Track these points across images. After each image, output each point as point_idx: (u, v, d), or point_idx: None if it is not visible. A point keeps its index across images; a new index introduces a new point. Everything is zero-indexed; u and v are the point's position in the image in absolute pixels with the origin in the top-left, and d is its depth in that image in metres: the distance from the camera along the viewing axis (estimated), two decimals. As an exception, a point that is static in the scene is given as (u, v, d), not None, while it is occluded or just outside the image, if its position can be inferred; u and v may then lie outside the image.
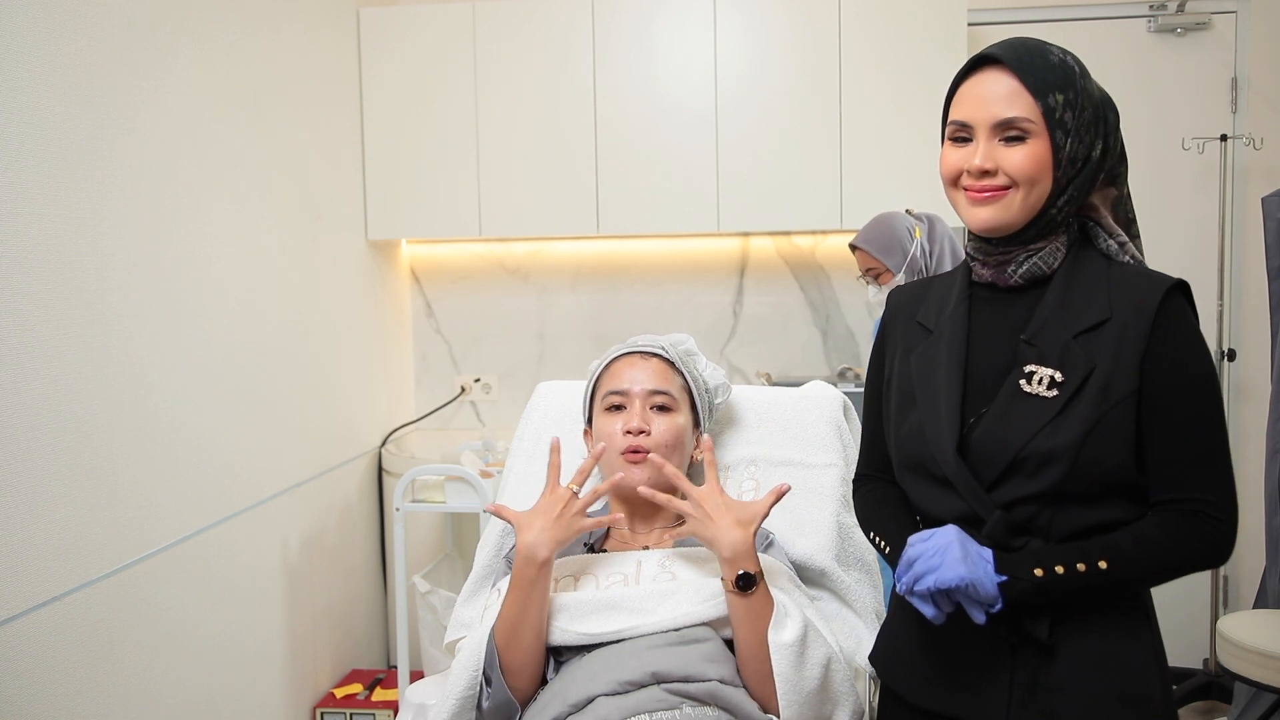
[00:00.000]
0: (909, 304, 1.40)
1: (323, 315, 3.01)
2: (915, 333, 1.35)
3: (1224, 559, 1.18)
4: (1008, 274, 1.26)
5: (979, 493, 1.21)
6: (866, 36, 3.07)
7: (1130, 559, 1.15)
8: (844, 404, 1.88)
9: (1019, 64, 1.20)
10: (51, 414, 1.86)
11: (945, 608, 1.17)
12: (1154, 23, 3.24)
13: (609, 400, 1.63)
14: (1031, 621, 1.20)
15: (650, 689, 1.36)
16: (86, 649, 1.94)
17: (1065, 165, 1.20)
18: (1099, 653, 1.19)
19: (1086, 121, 1.20)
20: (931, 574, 1.15)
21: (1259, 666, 2.32)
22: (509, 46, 3.23)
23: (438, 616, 2.85)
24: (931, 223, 2.72)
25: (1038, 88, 1.19)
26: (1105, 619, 1.20)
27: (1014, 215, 1.21)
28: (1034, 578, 1.16)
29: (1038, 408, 1.18)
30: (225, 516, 2.45)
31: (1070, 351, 1.18)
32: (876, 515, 1.38)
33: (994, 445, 1.20)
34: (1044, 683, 1.19)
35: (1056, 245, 1.24)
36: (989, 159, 1.20)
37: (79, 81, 1.96)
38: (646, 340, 1.71)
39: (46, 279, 1.86)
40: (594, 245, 3.56)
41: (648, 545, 1.61)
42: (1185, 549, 1.17)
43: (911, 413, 1.30)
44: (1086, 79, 1.22)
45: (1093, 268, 1.24)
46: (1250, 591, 3.13)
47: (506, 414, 3.64)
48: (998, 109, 1.19)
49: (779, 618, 1.38)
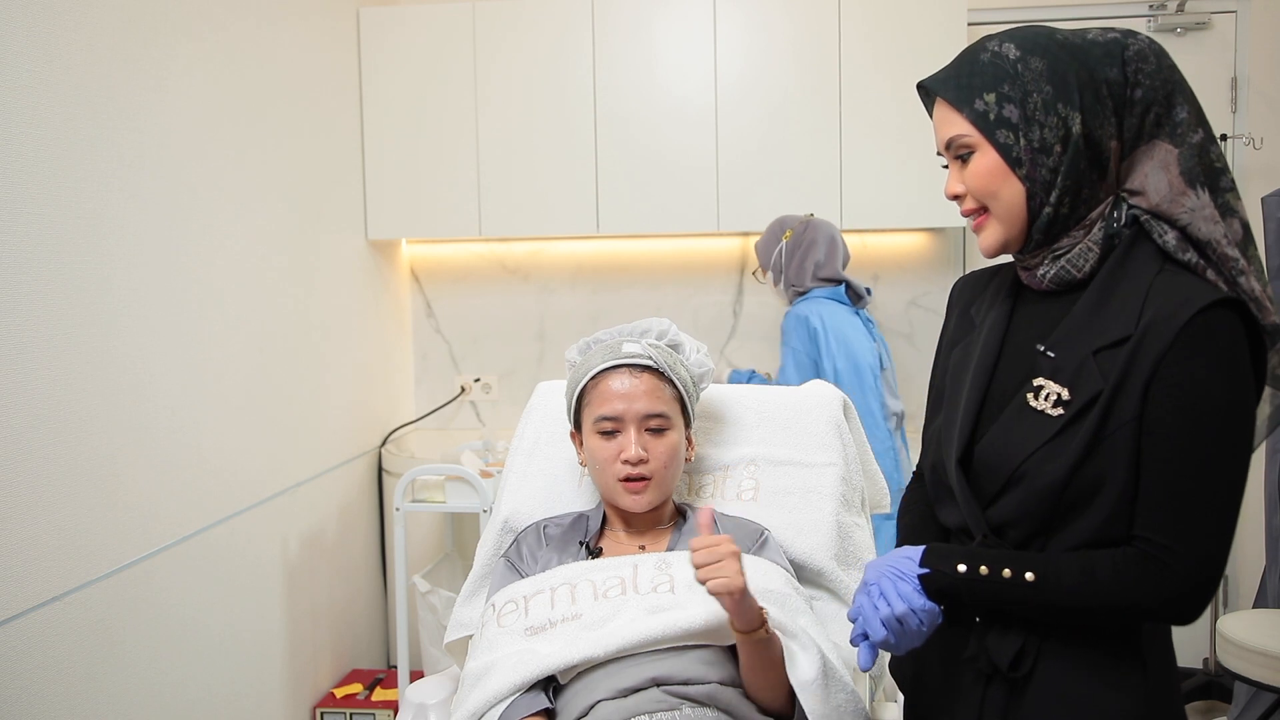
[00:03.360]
0: (968, 293, 1.33)
1: (323, 315, 3.01)
2: (964, 325, 1.30)
3: (1181, 617, 1.06)
4: (1038, 278, 1.18)
5: (973, 506, 1.17)
6: (866, 36, 3.07)
7: (1064, 584, 1.07)
8: (844, 403, 1.88)
9: (941, 84, 1.16)
10: (51, 414, 1.86)
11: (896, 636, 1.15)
12: (1154, 23, 3.24)
13: (601, 425, 1.58)
14: (998, 644, 1.14)
15: (650, 691, 1.36)
16: (86, 649, 1.94)
17: (1030, 160, 1.11)
18: (1073, 695, 1.11)
19: (1040, 104, 1.10)
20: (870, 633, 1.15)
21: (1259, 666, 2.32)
22: (509, 46, 3.23)
23: (438, 616, 2.85)
24: (806, 229, 2.78)
25: (960, 99, 1.14)
26: (1088, 661, 1.11)
27: (1000, 234, 1.16)
28: (956, 572, 1.12)
29: (1039, 425, 1.11)
30: (225, 516, 2.45)
31: (1085, 369, 1.09)
32: (901, 519, 1.37)
33: (994, 459, 1.15)
34: (1014, 717, 1.14)
35: (1088, 244, 1.13)
36: (955, 183, 1.18)
37: (79, 81, 1.96)
38: (632, 345, 1.64)
39: (46, 279, 1.86)
40: (594, 245, 3.56)
41: (644, 545, 1.61)
42: (1132, 594, 1.05)
43: (939, 414, 1.27)
44: (1033, 56, 1.12)
45: (1138, 272, 1.10)
46: (1250, 591, 3.13)
47: (506, 414, 3.64)
48: (941, 132, 1.17)
49: (791, 654, 1.35)
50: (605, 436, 1.59)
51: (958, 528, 1.21)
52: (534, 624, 1.46)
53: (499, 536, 1.80)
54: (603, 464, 1.58)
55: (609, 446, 1.58)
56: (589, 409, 1.62)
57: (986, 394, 1.20)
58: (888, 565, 1.17)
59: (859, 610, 1.17)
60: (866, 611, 1.15)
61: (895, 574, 1.15)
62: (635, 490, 1.56)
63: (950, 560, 1.13)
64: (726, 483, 1.78)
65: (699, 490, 1.79)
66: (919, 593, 1.13)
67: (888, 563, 1.17)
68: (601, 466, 1.58)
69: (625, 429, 1.58)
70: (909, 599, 1.13)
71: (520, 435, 1.92)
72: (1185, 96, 1.12)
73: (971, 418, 1.19)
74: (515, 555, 1.65)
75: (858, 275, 3.45)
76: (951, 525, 1.23)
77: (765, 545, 1.61)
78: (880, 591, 1.15)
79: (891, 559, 1.18)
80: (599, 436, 1.59)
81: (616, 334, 1.70)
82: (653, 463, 1.56)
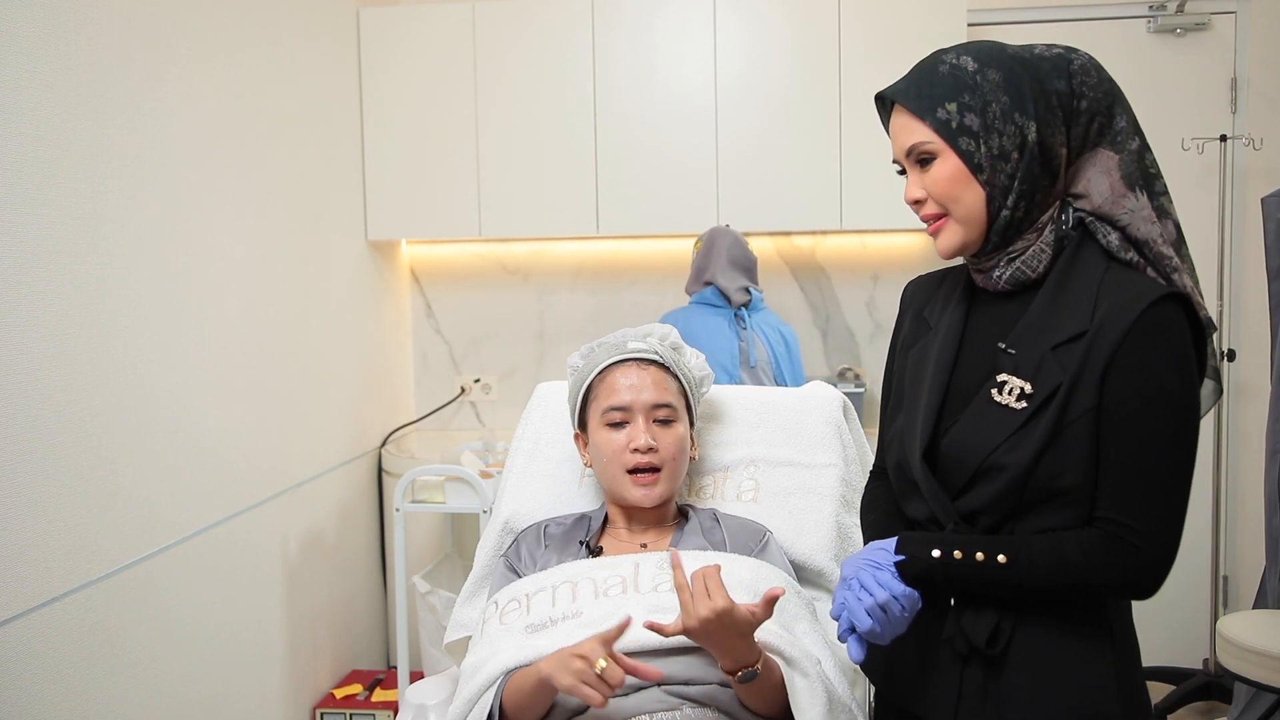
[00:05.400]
0: (920, 296, 1.39)
1: (323, 315, 3.01)
2: (919, 327, 1.35)
3: (1141, 590, 1.13)
4: (994, 279, 1.23)
5: (941, 498, 1.21)
6: (866, 36, 3.08)
7: (1036, 565, 1.13)
8: (844, 404, 1.88)
9: (903, 94, 1.21)
10: (51, 414, 1.86)
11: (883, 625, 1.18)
12: (1154, 23, 3.24)
13: (609, 416, 1.60)
14: (973, 624, 1.18)
15: (651, 690, 1.36)
16: (86, 649, 1.94)
17: (990, 166, 1.16)
18: (1051, 667, 1.17)
19: (998, 113, 1.16)
20: (857, 624, 1.18)
21: (1259, 666, 2.32)
22: (509, 46, 3.23)
23: (437, 617, 2.85)
24: (710, 239, 2.94)
25: (923, 108, 1.18)
26: (1060, 633, 1.17)
27: (960, 237, 1.21)
28: (930, 558, 1.16)
29: (1004, 419, 1.16)
30: (225, 516, 2.45)
31: (1045, 364, 1.15)
32: (865, 517, 1.40)
33: (961, 453, 1.19)
34: (992, 693, 1.18)
35: (1040, 246, 1.19)
36: (916, 187, 1.22)
37: (79, 81, 1.96)
38: (637, 343, 1.67)
39: (46, 279, 1.86)
40: (594, 245, 3.56)
41: (645, 544, 1.61)
42: (1097, 572, 1.12)
43: (900, 413, 1.30)
44: (989, 68, 1.17)
45: (1087, 272, 1.18)
46: (1250, 591, 3.13)
47: (506, 414, 3.64)
48: (901, 140, 1.22)
49: (793, 686, 1.33)
50: (613, 429, 1.59)
51: (925, 520, 1.24)
52: (535, 621, 1.46)
53: (499, 537, 1.80)
54: (611, 456, 1.58)
55: (617, 438, 1.59)
56: (596, 403, 1.63)
57: (947, 392, 1.24)
58: (863, 559, 1.21)
59: (842, 606, 1.20)
60: (851, 604, 1.19)
61: (872, 565, 1.19)
62: (645, 483, 1.57)
63: (924, 546, 1.18)
64: (727, 483, 1.78)
65: (700, 491, 1.79)
66: (897, 579, 1.18)
67: (863, 557, 1.22)
68: (610, 459, 1.58)
69: (634, 419, 1.59)
70: (889, 586, 1.17)
71: (520, 436, 1.92)
72: (1123, 107, 1.20)
73: (934, 414, 1.23)
74: (514, 556, 1.65)
75: (857, 275, 3.47)
76: (919, 518, 1.26)
77: (767, 547, 1.62)
78: (860, 584, 1.19)
79: (866, 553, 1.22)
80: (607, 429, 1.60)
81: (620, 336, 1.72)
82: (662, 452, 1.58)
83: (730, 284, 2.87)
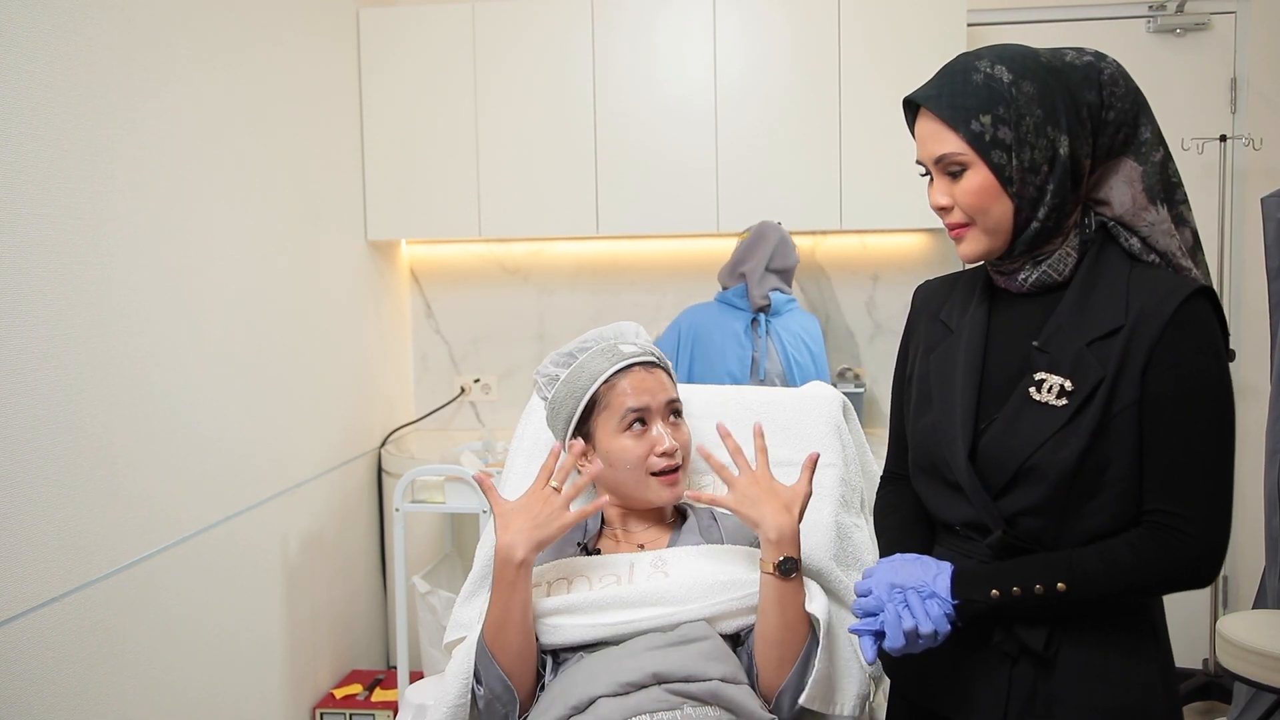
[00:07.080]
0: (934, 300, 1.39)
1: (323, 316, 3.01)
2: (937, 331, 1.34)
3: (1201, 578, 1.13)
4: (1019, 282, 1.24)
5: (988, 502, 1.20)
6: (866, 36, 3.07)
7: (1093, 578, 1.14)
8: (843, 404, 1.88)
9: (936, 101, 1.19)
10: (51, 414, 1.86)
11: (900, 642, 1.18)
12: (1153, 23, 3.25)
13: (629, 418, 1.59)
14: (1027, 632, 1.19)
15: (651, 689, 1.36)
16: (86, 649, 1.94)
17: (1020, 179, 1.16)
18: (1100, 667, 1.18)
19: (1031, 127, 1.16)
20: (888, 636, 1.18)
21: (1259, 666, 2.32)
22: (509, 47, 3.23)
23: (437, 617, 2.85)
24: (757, 234, 2.91)
25: (957, 119, 1.17)
26: (1108, 633, 1.18)
27: (985, 245, 1.21)
28: (989, 599, 1.16)
29: (1046, 417, 1.16)
30: (225, 516, 2.45)
31: (1083, 360, 1.15)
32: (882, 522, 1.40)
33: (1002, 453, 1.19)
34: (1042, 693, 1.19)
35: (1066, 251, 1.20)
36: (943, 195, 1.22)
37: (79, 81, 1.96)
38: (629, 347, 1.66)
39: (46, 279, 1.86)
40: (594, 245, 3.56)
41: (642, 545, 1.61)
42: (1154, 569, 1.13)
43: (927, 414, 1.29)
44: (1024, 80, 1.16)
45: (1113, 271, 1.19)
46: (1250, 591, 3.13)
47: (506, 414, 3.64)
48: (931, 148, 1.21)
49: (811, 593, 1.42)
50: (632, 433, 1.59)
51: (966, 523, 1.23)
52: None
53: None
54: (635, 463, 1.58)
55: (639, 445, 1.58)
56: (608, 410, 1.61)
57: (980, 392, 1.24)
58: (914, 576, 1.20)
59: (879, 610, 1.20)
60: (889, 619, 1.18)
61: (925, 590, 1.18)
62: (671, 482, 1.59)
63: (983, 587, 1.17)
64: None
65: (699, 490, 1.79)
66: (943, 615, 1.17)
67: (913, 574, 1.20)
68: (634, 464, 1.58)
69: (653, 420, 1.60)
70: (935, 620, 1.17)
71: (520, 436, 1.92)
72: (1148, 117, 1.22)
73: (972, 415, 1.23)
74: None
75: (856, 275, 3.46)
76: (956, 521, 1.25)
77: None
78: (906, 602, 1.18)
79: (914, 570, 1.21)
80: (624, 435, 1.59)
81: (596, 339, 1.70)
82: (681, 450, 1.60)
83: (757, 288, 2.86)
